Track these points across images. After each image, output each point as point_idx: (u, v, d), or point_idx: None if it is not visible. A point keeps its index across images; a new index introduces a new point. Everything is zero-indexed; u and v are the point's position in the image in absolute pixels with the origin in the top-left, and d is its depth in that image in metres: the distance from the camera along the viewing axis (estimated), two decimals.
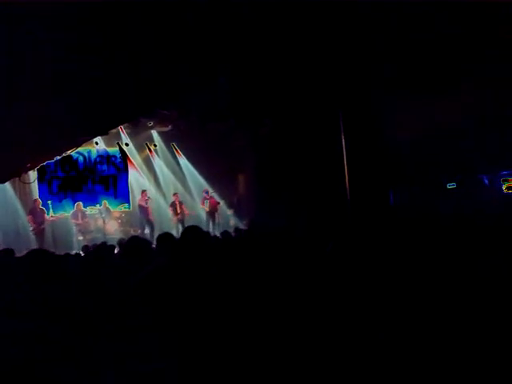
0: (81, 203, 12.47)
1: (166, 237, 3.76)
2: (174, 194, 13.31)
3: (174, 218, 13.01)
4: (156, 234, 10.42)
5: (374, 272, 2.73)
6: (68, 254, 7.05)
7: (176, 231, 12.98)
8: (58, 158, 8.65)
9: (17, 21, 2.91)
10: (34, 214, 11.33)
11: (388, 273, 2.71)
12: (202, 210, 13.59)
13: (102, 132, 5.41)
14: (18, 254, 5.93)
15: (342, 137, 6.86)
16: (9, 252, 5.06)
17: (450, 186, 10.51)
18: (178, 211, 12.97)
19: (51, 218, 11.65)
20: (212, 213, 13.21)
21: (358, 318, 2.29)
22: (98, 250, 5.96)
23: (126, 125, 12.07)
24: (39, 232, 11.21)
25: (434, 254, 3.15)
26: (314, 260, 3.14)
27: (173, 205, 13.07)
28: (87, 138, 6.39)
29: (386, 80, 7.06)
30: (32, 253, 2.73)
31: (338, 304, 2.39)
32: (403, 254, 3.23)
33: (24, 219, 11.71)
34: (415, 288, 2.54)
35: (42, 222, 11.34)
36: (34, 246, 10.78)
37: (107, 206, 12.93)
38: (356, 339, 2.22)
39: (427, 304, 2.35)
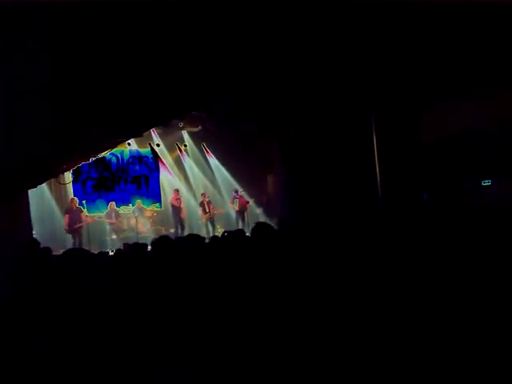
0: (114, 203, 12.77)
1: (161, 240, 3.77)
2: (202, 194, 13.50)
3: (204, 217, 13.23)
4: (186, 233, 10.57)
5: (407, 272, 2.69)
6: (102, 253, 7.23)
7: (206, 230, 13.16)
8: (93, 159, 8.87)
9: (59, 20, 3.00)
10: (71, 213, 11.59)
11: (422, 273, 2.67)
12: (231, 208, 13.69)
13: (136, 134, 5.52)
14: (54, 253, 6.12)
15: (374, 136, 6.78)
16: (46, 250, 5.22)
17: (485, 183, 10.30)
18: (207, 210, 13.19)
19: (89, 220, 11.87)
20: (241, 212, 13.30)
21: (391, 318, 2.26)
22: (132, 250, 6.07)
23: None
24: (76, 231, 11.45)
25: (468, 252, 3.08)
26: (347, 261, 3.12)
27: (202, 204, 13.30)
28: (122, 139, 6.53)
29: (418, 81, 6.94)
30: (70, 251, 2.81)
31: (371, 304, 2.37)
32: (437, 253, 3.17)
33: (59, 219, 12.04)
34: (449, 289, 2.49)
35: (80, 221, 11.56)
36: (70, 245, 11.11)
37: (141, 205, 13.20)
38: (387, 342, 2.19)
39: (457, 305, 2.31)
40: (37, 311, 2.15)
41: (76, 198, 12.00)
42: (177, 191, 13.17)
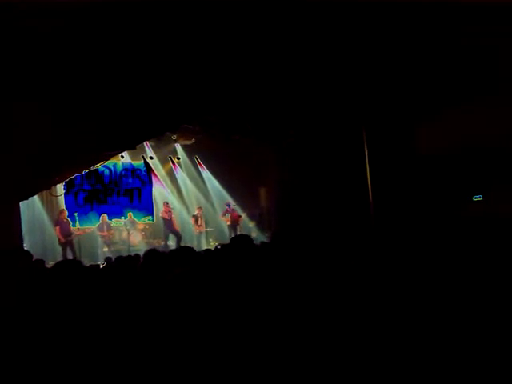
0: (105, 215, 12.71)
1: (151, 253, 3.82)
2: (199, 208, 13.50)
3: (196, 229, 13.31)
4: (177, 245, 10.58)
5: (398, 285, 2.71)
6: (93, 265, 7.18)
7: (197, 243, 13.12)
8: (86, 171, 8.85)
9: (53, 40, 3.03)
10: (61, 225, 11.51)
11: (413, 286, 2.69)
12: (223, 222, 13.70)
13: (130, 147, 5.54)
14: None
15: (365, 149, 6.85)
16: (40, 262, 5.18)
17: (476, 198, 10.34)
18: (199, 224, 13.30)
19: (78, 232, 11.79)
20: (233, 226, 13.30)
21: (384, 330, 2.28)
22: (122, 261, 6.04)
23: None
24: (67, 243, 11.37)
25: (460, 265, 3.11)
26: (338, 273, 3.13)
27: (195, 217, 13.34)
28: (115, 152, 6.54)
29: (409, 93, 7.04)
30: (61, 263, 2.80)
31: (361, 316, 2.38)
32: (429, 266, 3.20)
33: (50, 231, 11.96)
34: (441, 302, 2.51)
35: (69, 233, 11.50)
36: (60, 257, 11.01)
37: (132, 217, 13.15)
38: (381, 354, 2.20)
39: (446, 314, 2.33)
40: (30, 323, 2.15)
41: (66, 210, 11.93)
42: (166, 204, 13.10)
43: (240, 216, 13.44)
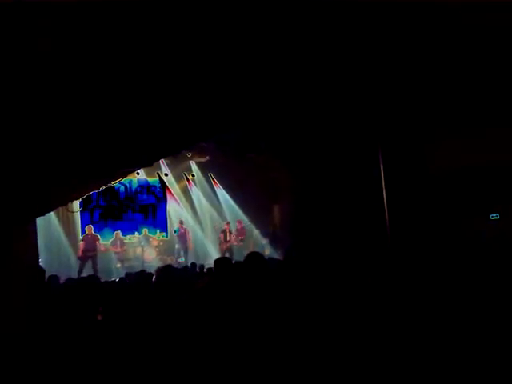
0: (119, 232, 12.81)
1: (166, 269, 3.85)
2: (227, 223, 13.47)
3: (222, 246, 13.17)
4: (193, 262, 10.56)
5: (415, 305, 2.67)
6: (107, 282, 7.20)
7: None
8: (103, 188, 8.95)
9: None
10: (86, 240, 11.64)
11: (429, 305, 2.65)
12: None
13: (147, 164, 5.62)
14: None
15: (381, 169, 6.83)
16: (54, 278, 5.22)
17: (493, 217, 10.19)
18: (228, 239, 13.16)
19: (102, 248, 11.91)
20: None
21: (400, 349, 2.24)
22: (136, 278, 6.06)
23: None
24: (86, 258, 11.43)
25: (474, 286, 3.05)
26: (353, 293, 3.10)
27: (223, 232, 13.29)
28: (133, 169, 6.62)
29: (424, 112, 7.02)
30: (85, 279, 2.82)
31: (379, 336, 2.35)
32: (444, 286, 3.15)
33: (66, 247, 12.07)
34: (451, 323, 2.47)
35: (94, 248, 11.59)
36: (74, 273, 11.08)
37: (147, 234, 13.23)
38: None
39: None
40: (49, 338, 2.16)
41: (91, 226, 12.09)
42: (181, 222, 13.19)
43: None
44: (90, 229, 11.90)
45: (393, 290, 3.17)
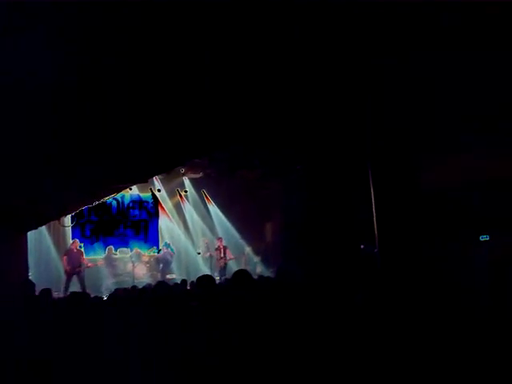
0: (112, 247, 12.74)
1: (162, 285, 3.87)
2: (219, 239, 13.36)
3: (218, 262, 13.02)
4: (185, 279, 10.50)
5: (404, 323, 2.69)
6: (97, 297, 7.13)
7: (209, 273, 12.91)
8: (96, 202, 8.91)
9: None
10: (70, 254, 11.35)
11: (418, 324, 2.67)
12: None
13: (141, 180, 5.66)
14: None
15: (371, 185, 6.87)
16: (46, 292, 5.16)
17: (483, 238, 10.23)
18: (222, 255, 13.03)
19: (89, 264, 11.70)
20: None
21: (388, 370, 2.26)
22: (127, 294, 6.03)
23: None
24: (73, 274, 11.17)
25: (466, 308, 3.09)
26: (343, 310, 3.12)
27: (218, 249, 13.14)
28: (127, 185, 6.63)
29: (415, 130, 7.11)
30: (73, 295, 2.82)
31: (367, 354, 2.36)
32: (434, 306, 3.18)
33: (56, 261, 11.94)
34: (444, 343, 2.49)
35: (79, 264, 11.25)
36: (63, 287, 10.94)
37: (138, 250, 13.18)
38: None
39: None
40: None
41: (77, 240, 11.95)
42: (166, 245, 13.21)
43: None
44: (75, 243, 11.68)
45: (382, 309, 3.19)
